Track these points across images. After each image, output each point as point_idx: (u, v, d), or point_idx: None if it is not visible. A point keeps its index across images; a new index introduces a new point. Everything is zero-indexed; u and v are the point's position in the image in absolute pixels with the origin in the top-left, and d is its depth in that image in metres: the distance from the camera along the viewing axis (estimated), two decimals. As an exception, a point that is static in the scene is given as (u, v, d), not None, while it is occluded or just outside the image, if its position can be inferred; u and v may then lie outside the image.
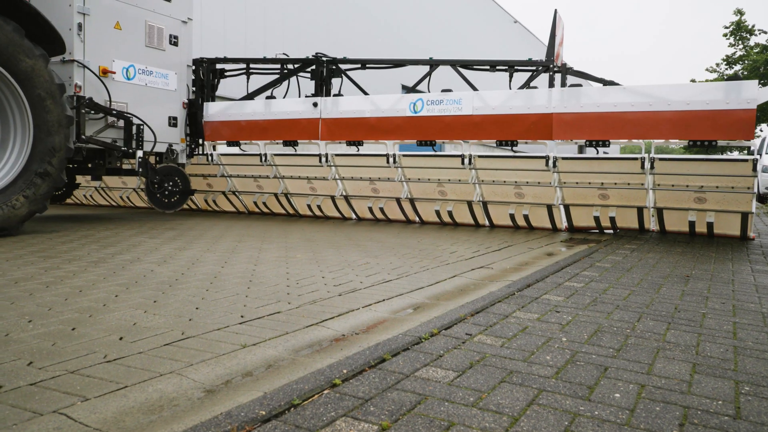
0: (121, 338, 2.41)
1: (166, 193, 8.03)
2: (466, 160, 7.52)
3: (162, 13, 8.04)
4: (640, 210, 7.11)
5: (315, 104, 8.43)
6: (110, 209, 10.31)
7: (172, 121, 8.33)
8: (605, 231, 7.40)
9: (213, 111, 9.07)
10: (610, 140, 6.86)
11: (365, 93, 8.67)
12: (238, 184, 9.39)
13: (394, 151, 7.95)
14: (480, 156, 7.55)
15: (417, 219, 8.40)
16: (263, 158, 8.78)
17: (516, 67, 8.16)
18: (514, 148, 7.56)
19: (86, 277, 3.72)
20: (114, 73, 7.39)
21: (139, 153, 7.65)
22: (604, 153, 7.80)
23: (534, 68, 8.11)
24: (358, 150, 8.28)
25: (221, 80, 9.64)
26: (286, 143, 8.73)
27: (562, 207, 7.41)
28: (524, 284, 3.82)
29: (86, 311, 2.84)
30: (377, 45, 25.65)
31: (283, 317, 2.83)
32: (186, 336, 2.46)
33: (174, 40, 8.22)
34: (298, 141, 8.66)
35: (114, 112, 7.31)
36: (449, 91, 7.75)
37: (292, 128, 8.62)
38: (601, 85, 7.35)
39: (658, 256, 5.51)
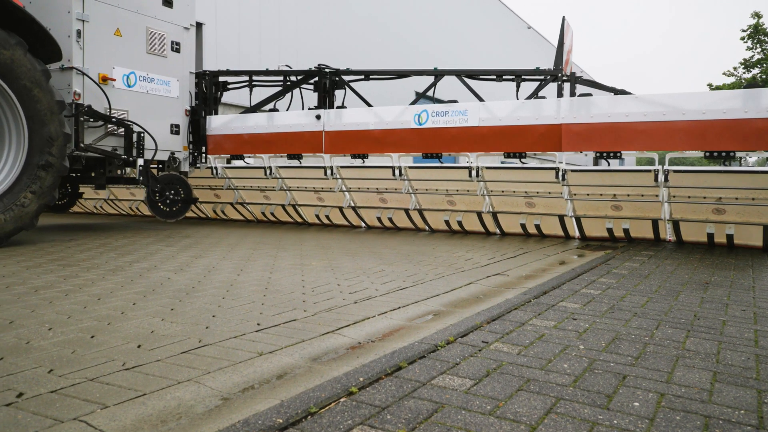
0: (139, 346, 2.43)
1: (168, 201, 7.89)
2: (474, 173, 7.37)
3: (164, 20, 7.91)
4: (655, 222, 6.95)
5: (318, 117, 8.29)
6: (121, 218, 10.41)
7: (174, 129, 8.18)
8: (619, 241, 7.26)
9: (216, 124, 8.97)
10: (622, 152, 6.66)
11: (368, 104, 8.55)
12: (245, 195, 9.35)
13: (400, 163, 7.83)
14: (488, 167, 7.41)
15: (426, 228, 8.32)
16: (268, 171, 8.68)
17: (523, 77, 7.96)
18: (523, 159, 7.34)
19: (104, 285, 3.76)
20: (114, 80, 7.26)
21: (140, 161, 7.52)
22: (621, 161, 7.62)
23: (542, 77, 7.90)
24: (364, 162, 8.18)
25: (224, 92, 9.56)
26: (290, 156, 8.60)
27: (573, 218, 7.28)
28: (540, 291, 3.80)
29: (105, 319, 2.87)
30: (390, 55, 25.73)
31: (299, 325, 2.83)
32: (203, 344, 2.48)
33: (176, 47, 8.07)
34: (302, 154, 8.53)
35: (113, 119, 7.18)
36: (455, 102, 7.60)
37: (296, 141, 8.49)
38: (612, 94, 7.13)
39: (676, 263, 5.45)
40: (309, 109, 8.72)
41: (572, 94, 7.57)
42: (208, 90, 9.10)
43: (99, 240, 6.48)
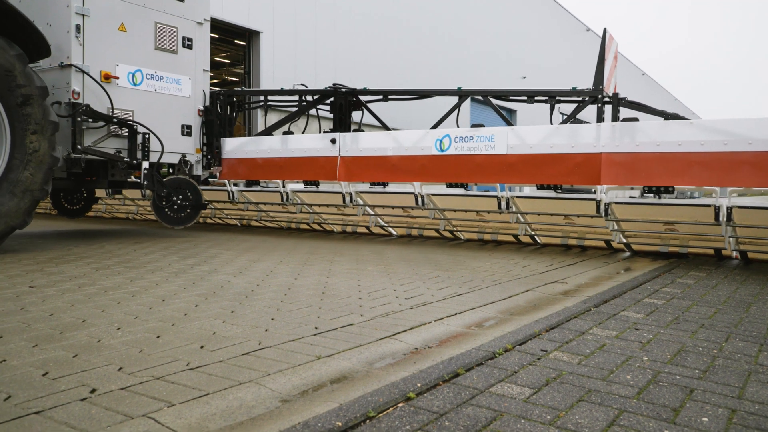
0: (202, 347, 2.50)
1: (175, 207, 7.37)
2: (503, 204, 6.65)
3: (174, 14, 7.37)
4: (717, 249, 6.26)
5: (333, 140, 7.68)
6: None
7: (186, 130, 7.66)
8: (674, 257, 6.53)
9: (230, 147, 8.50)
10: (674, 186, 5.78)
11: (387, 128, 8.03)
12: (268, 211, 9.18)
13: (422, 190, 7.21)
14: (518, 197, 6.78)
15: (460, 238, 7.92)
16: (285, 197, 8.24)
17: (558, 98, 7.14)
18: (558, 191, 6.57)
19: (168, 288, 3.89)
20: (117, 78, 6.78)
21: (145, 164, 7.04)
22: (686, 195, 6.72)
23: (579, 98, 7.05)
24: (384, 187, 7.62)
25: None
26: (306, 183, 8.12)
27: (623, 244, 6.68)
28: (601, 300, 3.71)
29: (169, 320, 2.97)
30: (447, 61, 25.70)
31: (356, 329, 2.86)
32: (263, 346, 2.53)
33: (188, 43, 7.54)
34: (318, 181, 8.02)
35: (114, 120, 6.70)
36: (480, 125, 6.90)
37: (310, 167, 7.86)
38: (662, 118, 6.31)
39: (747, 273, 5.22)
40: (325, 131, 8.24)
41: (615, 118, 6.74)
42: (223, 110, 8.64)
43: (161, 243, 6.71)
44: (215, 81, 28.31)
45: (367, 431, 1.68)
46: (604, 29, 7.07)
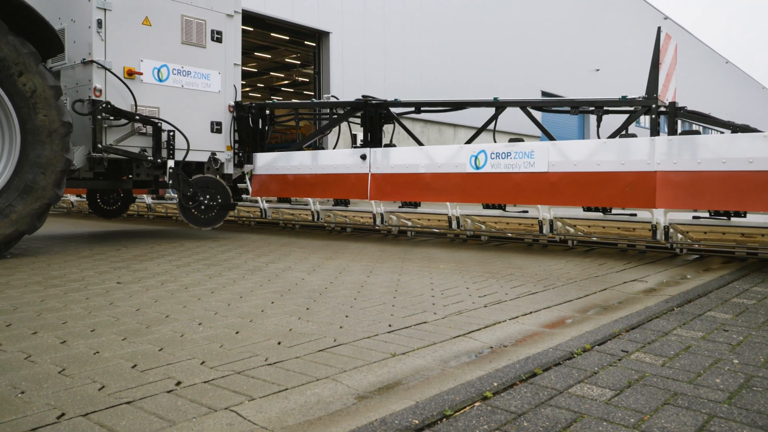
0: (279, 343, 2.56)
1: (202, 207, 7.07)
2: (546, 228, 6.21)
3: (202, 6, 7.06)
4: None
5: (363, 156, 7.31)
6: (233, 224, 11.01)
7: (216, 127, 7.34)
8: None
9: (261, 163, 8.22)
10: (747, 211, 5.07)
11: (419, 142, 7.68)
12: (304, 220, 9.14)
13: (457, 212, 6.89)
14: (568, 219, 6.30)
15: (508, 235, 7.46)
16: (315, 216, 8.10)
17: (606, 108, 6.47)
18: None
19: (245, 285, 4.01)
20: (141, 74, 6.56)
21: (170, 163, 6.76)
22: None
23: (631, 108, 6.30)
24: (416, 208, 7.37)
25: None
26: (337, 202, 7.88)
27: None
28: (684, 299, 3.55)
29: (247, 316, 3.06)
30: (513, 54, 25.30)
31: (430, 327, 2.85)
32: (338, 343, 2.56)
33: (217, 36, 7.20)
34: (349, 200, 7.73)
35: (137, 117, 6.44)
36: (519, 140, 6.30)
37: (340, 184, 7.51)
38: (729, 131, 5.58)
39: None
40: (354, 147, 7.85)
41: (672, 130, 5.99)
42: (255, 124, 8.24)
43: (237, 242, 6.92)
44: (285, 82, 28.90)
45: (444, 430, 1.67)
46: (659, 28, 6.26)
